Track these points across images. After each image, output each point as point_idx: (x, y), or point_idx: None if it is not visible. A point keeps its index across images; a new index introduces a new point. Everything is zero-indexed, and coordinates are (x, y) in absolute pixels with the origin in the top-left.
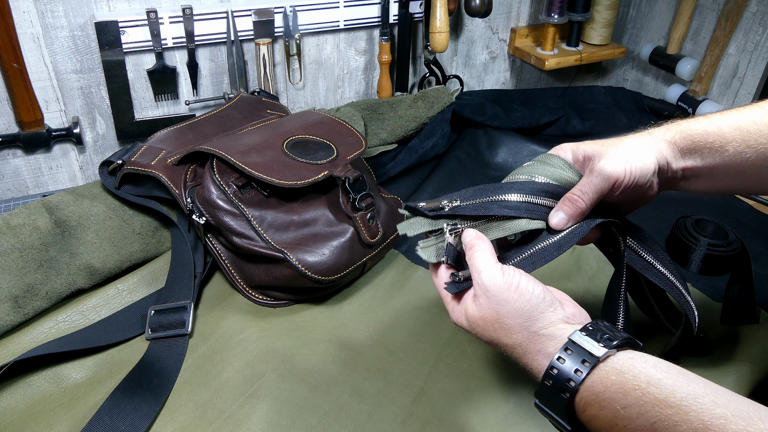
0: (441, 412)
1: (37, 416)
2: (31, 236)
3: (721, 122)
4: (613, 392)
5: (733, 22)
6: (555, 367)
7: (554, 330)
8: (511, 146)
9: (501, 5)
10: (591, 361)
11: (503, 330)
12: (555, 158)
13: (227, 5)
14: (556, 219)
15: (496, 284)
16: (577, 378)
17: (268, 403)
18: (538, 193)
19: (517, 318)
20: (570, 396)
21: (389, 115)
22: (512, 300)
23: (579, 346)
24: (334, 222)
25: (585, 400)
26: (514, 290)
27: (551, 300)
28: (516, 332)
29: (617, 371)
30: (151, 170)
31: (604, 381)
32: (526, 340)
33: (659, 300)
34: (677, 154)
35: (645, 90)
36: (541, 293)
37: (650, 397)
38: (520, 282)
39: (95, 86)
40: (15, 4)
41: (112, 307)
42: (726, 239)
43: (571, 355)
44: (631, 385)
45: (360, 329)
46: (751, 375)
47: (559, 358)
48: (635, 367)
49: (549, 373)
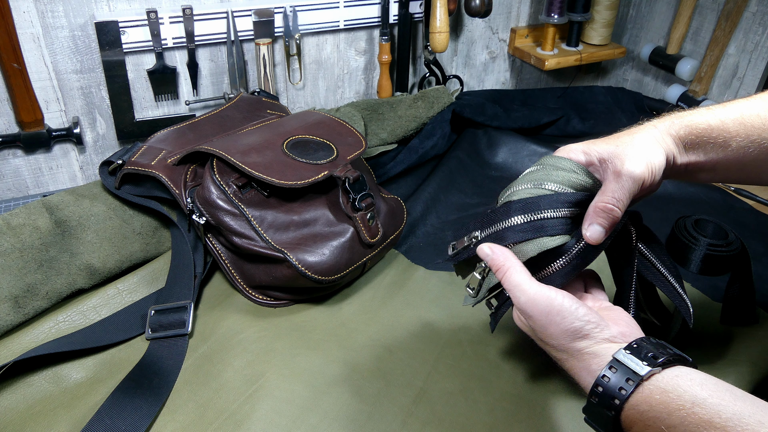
0: (441, 412)
1: (37, 416)
2: (31, 236)
3: (724, 116)
4: (658, 411)
5: (733, 22)
6: (600, 385)
7: (598, 348)
8: (511, 146)
9: (501, 5)
10: (635, 380)
11: (549, 346)
12: (564, 161)
13: (227, 5)
14: (592, 232)
15: (539, 309)
16: (621, 396)
17: (268, 403)
18: (560, 205)
19: (562, 338)
20: (615, 414)
21: (389, 115)
22: (555, 323)
23: (623, 365)
24: (334, 222)
25: (630, 418)
26: (557, 313)
27: (597, 321)
28: (561, 351)
29: (662, 390)
30: (151, 170)
31: (648, 400)
32: (572, 358)
33: (647, 294)
34: (681, 150)
35: (645, 90)
36: (585, 315)
37: (695, 418)
38: (563, 305)
39: (95, 86)
40: (15, 4)
41: (112, 307)
42: (726, 239)
43: (616, 373)
44: (675, 405)
45: (360, 329)
46: (751, 375)
47: (603, 376)
48: (680, 386)
49: (594, 391)
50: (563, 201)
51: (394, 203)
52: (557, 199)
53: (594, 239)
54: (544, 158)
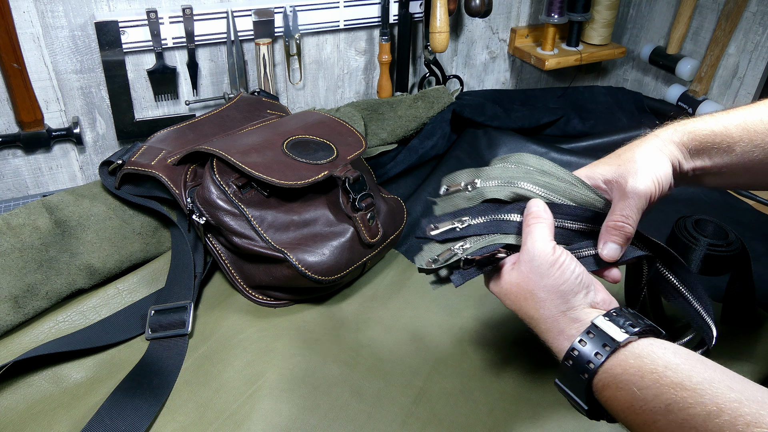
0: (441, 412)
1: (37, 416)
2: (31, 236)
3: (727, 122)
4: (631, 375)
5: (733, 22)
6: (576, 349)
7: (580, 313)
8: (511, 146)
9: (501, 5)
10: (612, 346)
11: (534, 302)
12: (564, 173)
13: (227, 5)
14: (608, 250)
15: (545, 256)
16: (597, 361)
17: (268, 403)
18: (563, 217)
19: (550, 294)
20: (589, 377)
21: (389, 115)
22: (553, 276)
23: (601, 330)
24: (334, 222)
25: (603, 382)
26: (558, 267)
27: (588, 282)
28: (545, 308)
29: (636, 355)
30: (151, 170)
31: (622, 364)
32: (552, 318)
33: (654, 304)
34: (686, 155)
35: (645, 90)
36: (580, 275)
37: (666, 380)
38: (565, 261)
39: (95, 86)
40: (15, 4)
41: (112, 307)
42: (726, 239)
43: (593, 338)
44: (648, 368)
45: (360, 329)
46: (751, 375)
47: (580, 341)
48: (654, 352)
49: (570, 354)
50: (572, 214)
51: (394, 203)
52: (564, 210)
53: (611, 257)
54: (544, 166)
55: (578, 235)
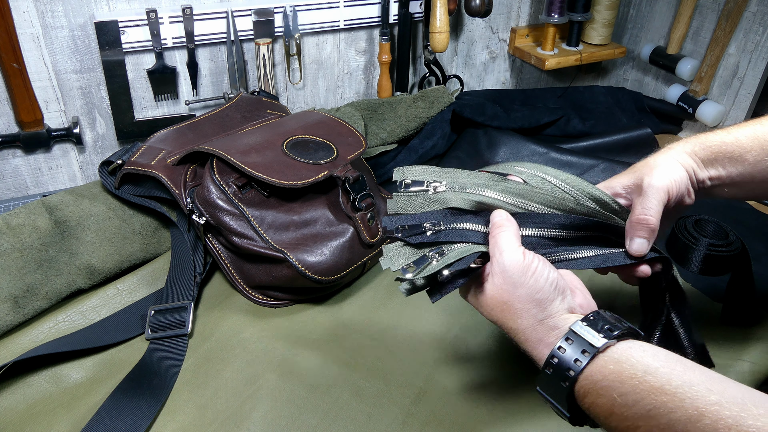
0: (441, 412)
1: (37, 416)
2: (31, 236)
3: (738, 133)
4: (611, 381)
5: (733, 22)
6: (555, 356)
7: (558, 320)
8: (511, 146)
9: (501, 5)
10: (591, 352)
11: (510, 313)
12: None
13: (227, 5)
14: (636, 245)
15: (516, 264)
16: (577, 368)
17: (268, 403)
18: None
19: (527, 303)
20: (569, 385)
21: (389, 115)
22: (526, 284)
23: (579, 336)
24: (334, 222)
25: (584, 389)
26: (531, 273)
27: (563, 287)
28: (523, 317)
29: (615, 361)
30: (151, 170)
31: (602, 370)
32: (530, 327)
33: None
34: (699, 164)
35: (645, 90)
36: (554, 280)
37: (646, 386)
38: (537, 267)
39: (95, 86)
40: (15, 4)
41: (112, 307)
42: (726, 239)
43: (572, 345)
44: (628, 374)
45: (360, 329)
46: (751, 375)
47: (559, 348)
48: (633, 356)
49: (549, 362)
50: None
51: None
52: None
53: (639, 252)
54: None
55: (556, 242)
